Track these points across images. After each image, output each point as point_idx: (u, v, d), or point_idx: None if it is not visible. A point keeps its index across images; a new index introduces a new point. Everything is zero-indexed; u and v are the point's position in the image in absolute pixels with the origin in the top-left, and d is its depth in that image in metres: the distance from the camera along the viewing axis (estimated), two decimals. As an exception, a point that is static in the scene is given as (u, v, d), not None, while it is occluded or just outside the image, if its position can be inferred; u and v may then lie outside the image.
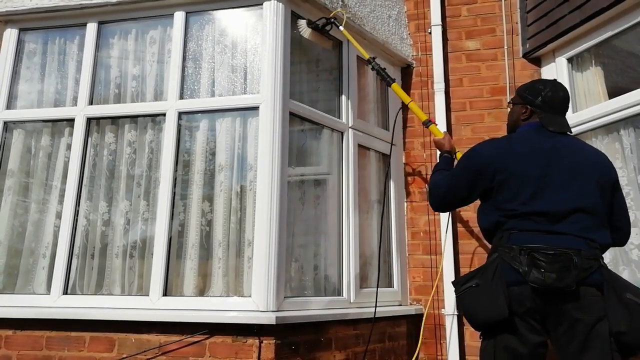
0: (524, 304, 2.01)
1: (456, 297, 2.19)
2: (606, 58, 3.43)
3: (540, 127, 2.26)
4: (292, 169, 3.13)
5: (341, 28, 3.26)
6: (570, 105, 2.45)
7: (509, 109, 2.48)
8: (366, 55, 3.29)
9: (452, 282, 2.26)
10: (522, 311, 2.01)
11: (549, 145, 2.19)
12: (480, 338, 2.16)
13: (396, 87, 3.19)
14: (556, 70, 3.63)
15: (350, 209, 3.36)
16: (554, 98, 2.29)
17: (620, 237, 2.27)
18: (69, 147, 3.27)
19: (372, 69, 3.26)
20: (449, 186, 2.32)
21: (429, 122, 2.97)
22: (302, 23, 3.21)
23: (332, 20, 3.22)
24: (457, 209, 3.67)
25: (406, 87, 4.05)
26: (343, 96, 3.53)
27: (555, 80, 2.43)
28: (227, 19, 3.27)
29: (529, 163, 2.15)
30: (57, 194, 3.24)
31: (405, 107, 3.41)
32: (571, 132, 2.33)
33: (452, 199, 2.35)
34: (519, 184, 2.12)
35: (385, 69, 3.30)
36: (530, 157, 2.16)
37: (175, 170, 3.06)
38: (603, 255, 2.11)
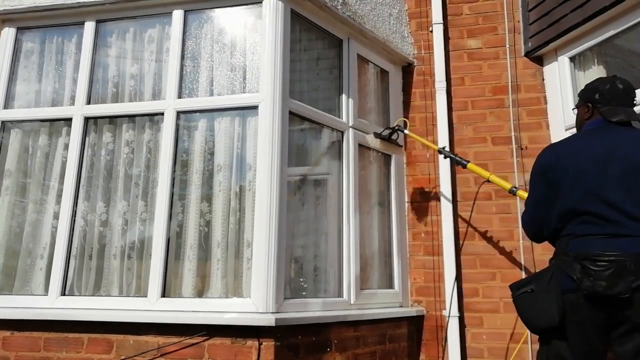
0: (580, 312, 1.98)
1: (512, 300, 2.20)
2: (609, 57, 3.41)
3: (603, 122, 2.18)
4: (292, 169, 3.10)
5: (406, 132, 3.65)
6: (572, 104, 2.40)
7: (575, 115, 2.45)
8: (435, 147, 3.50)
9: (509, 286, 2.24)
10: (579, 319, 1.98)
11: (609, 139, 2.10)
12: (539, 342, 2.17)
13: (472, 166, 3.23)
14: (558, 69, 3.60)
15: (351, 209, 3.33)
16: (613, 89, 2.22)
17: None
18: (66, 146, 3.25)
19: (445, 157, 3.44)
20: (531, 205, 2.29)
21: (515, 189, 2.95)
22: (370, 137, 3.55)
23: (396, 127, 3.62)
24: (457, 210, 3.65)
25: (407, 86, 4.03)
26: (343, 95, 3.50)
27: (614, 75, 2.34)
28: (226, 18, 3.24)
29: (584, 159, 2.08)
30: (54, 194, 3.22)
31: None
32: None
33: (540, 214, 2.24)
34: (574, 182, 2.07)
35: (457, 155, 3.44)
36: (586, 152, 2.10)
37: (174, 170, 3.03)
38: None
